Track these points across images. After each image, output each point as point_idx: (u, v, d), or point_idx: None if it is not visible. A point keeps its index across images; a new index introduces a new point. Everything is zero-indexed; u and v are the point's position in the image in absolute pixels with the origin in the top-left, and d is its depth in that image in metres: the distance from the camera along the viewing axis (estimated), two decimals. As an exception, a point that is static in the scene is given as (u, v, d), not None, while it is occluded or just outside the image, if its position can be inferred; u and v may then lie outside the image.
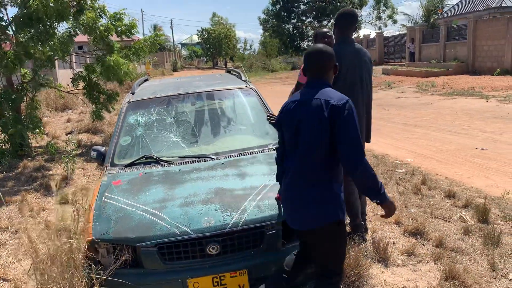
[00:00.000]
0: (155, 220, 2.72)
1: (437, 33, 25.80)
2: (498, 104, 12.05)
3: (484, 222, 4.24)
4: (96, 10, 8.72)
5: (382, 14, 45.38)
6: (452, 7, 33.56)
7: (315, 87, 2.41)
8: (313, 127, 2.31)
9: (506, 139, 7.83)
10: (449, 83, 17.93)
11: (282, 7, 46.91)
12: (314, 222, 2.36)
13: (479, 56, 21.65)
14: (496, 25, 20.52)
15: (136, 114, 4.01)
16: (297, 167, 2.40)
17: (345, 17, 3.64)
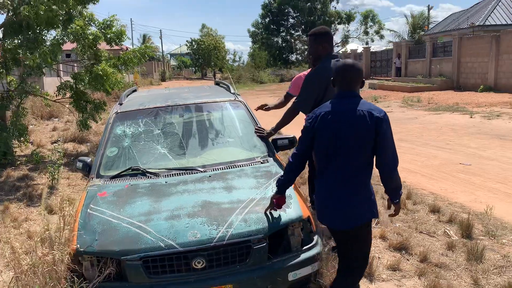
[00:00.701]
0: (141, 233, 2.70)
1: (423, 49, 26.26)
2: (482, 120, 12.26)
3: (468, 238, 4.30)
4: (84, 18, 8.71)
5: (369, 29, 46.10)
6: (437, 24, 34.26)
7: (349, 98, 2.64)
8: (360, 136, 2.55)
9: (489, 154, 7.96)
10: (435, 98, 18.21)
11: (271, 21, 47.37)
12: (360, 219, 2.63)
13: (464, 72, 22.07)
14: (480, 42, 20.97)
15: (123, 125, 3.99)
16: (341, 172, 2.61)
17: (329, 34, 3.86)
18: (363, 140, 2.56)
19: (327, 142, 2.63)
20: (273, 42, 48.43)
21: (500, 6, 26.32)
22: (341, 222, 2.64)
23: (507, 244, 4.16)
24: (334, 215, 2.66)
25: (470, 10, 29.83)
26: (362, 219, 2.64)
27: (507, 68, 19.07)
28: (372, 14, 46.19)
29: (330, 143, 2.62)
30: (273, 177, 3.35)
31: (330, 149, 2.62)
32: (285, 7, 46.11)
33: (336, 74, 2.70)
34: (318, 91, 3.68)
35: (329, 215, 2.69)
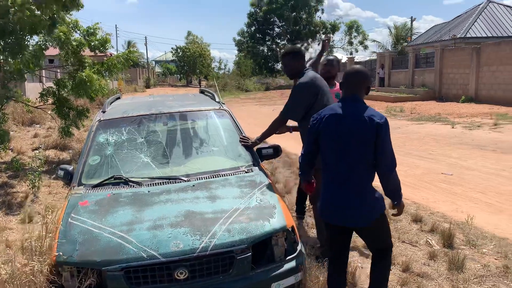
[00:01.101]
0: (122, 243, 2.66)
1: (406, 60, 26.70)
2: (463, 130, 12.48)
3: (449, 247, 4.35)
4: (69, 25, 8.64)
5: (353, 39, 46.71)
6: (420, 36, 34.87)
7: (352, 102, 2.82)
8: (361, 140, 2.72)
9: (470, 164, 8.09)
10: (417, 108, 18.49)
11: (257, 29, 47.66)
12: (370, 217, 2.81)
13: (446, 83, 22.49)
14: (461, 54, 21.42)
15: (106, 133, 3.95)
16: (348, 173, 2.78)
17: (302, 51, 4.43)
18: (364, 143, 2.73)
19: (331, 143, 2.82)
20: (259, 51, 48.69)
21: (481, 19, 26.95)
22: (350, 219, 2.83)
23: (487, 254, 4.22)
24: (343, 214, 2.83)
25: (452, 22, 30.46)
26: (373, 215, 2.82)
27: (487, 80, 19.50)
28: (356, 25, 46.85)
29: (333, 145, 2.80)
30: (258, 186, 3.35)
31: (333, 150, 2.81)
32: (270, 16, 46.45)
33: (343, 79, 2.90)
34: (309, 99, 3.86)
35: (337, 215, 2.86)
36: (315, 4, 46.77)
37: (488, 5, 28.29)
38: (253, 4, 47.42)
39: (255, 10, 47.46)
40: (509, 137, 10.98)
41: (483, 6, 28.16)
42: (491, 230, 4.82)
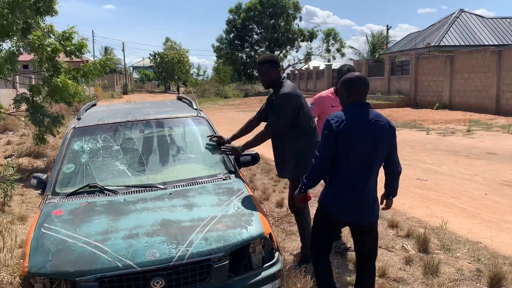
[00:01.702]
0: (97, 253, 2.62)
1: (382, 68, 27.17)
2: (438, 136, 12.76)
3: (424, 252, 4.42)
4: (43, 30, 8.49)
5: (331, 47, 47.25)
6: (395, 44, 35.60)
7: (366, 108, 2.96)
8: (382, 143, 2.90)
9: (445, 170, 8.27)
10: (393, 115, 18.80)
11: (236, 36, 47.80)
12: (376, 216, 3.07)
13: (421, 90, 22.96)
14: (435, 62, 21.93)
15: (81, 141, 3.88)
16: (370, 174, 2.94)
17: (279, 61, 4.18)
18: (383, 147, 2.92)
19: (356, 147, 2.88)
20: (238, 57, 48.81)
21: (454, 28, 27.71)
22: (362, 217, 3.01)
23: (461, 258, 4.30)
24: (356, 212, 2.98)
25: (426, 31, 31.22)
26: (378, 215, 3.08)
27: (460, 87, 20.00)
28: (333, 33, 47.45)
29: (359, 149, 2.88)
30: (235, 194, 3.34)
31: (357, 154, 2.89)
32: (249, 23, 46.67)
33: (351, 86, 2.97)
34: (296, 109, 3.82)
35: (349, 212, 2.98)
36: (293, 12, 47.25)
37: (460, 14, 29.14)
38: (232, 11, 47.59)
39: (234, 17, 47.64)
40: (482, 143, 11.27)
41: (455, 16, 28.99)
42: (465, 235, 4.92)
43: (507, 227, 5.22)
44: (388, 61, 26.58)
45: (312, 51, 48.58)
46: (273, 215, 5.64)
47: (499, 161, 9.00)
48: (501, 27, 27.98)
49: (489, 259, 4.23)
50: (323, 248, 3.18)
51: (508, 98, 17.23)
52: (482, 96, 18.59)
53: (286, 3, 45.95)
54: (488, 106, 17.95)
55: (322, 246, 3.18)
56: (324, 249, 3.19)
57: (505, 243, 4.71)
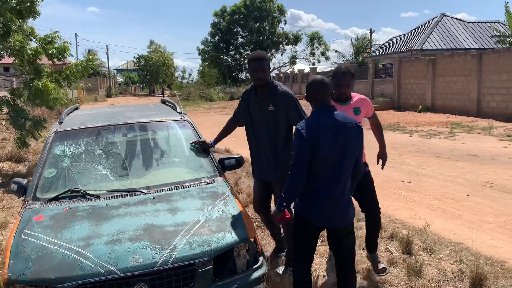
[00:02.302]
0: (79, 259, 2.58)
1: (366, 71, 27.43)
2: (421, 139, 12.92)
3: (408, 253, 4.46)
4: (24, 33, 8.37)
5: (315, 50, 47.57)
6: (379, 47, 36.00)
7: (332, 110, 2.95)
8: (354, 146, 2.92)
9: (427, 172, 8.37)
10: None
11: (221, 39, 47.78)
12: (351, 217, 3.06)
13: (403, 93, 23.25)
14: (418, 65, 22.23)
15: (63, 145, 3.82)
16: (346, 179, 2.95)
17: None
18: (354, 148, 2.93)
19: (326, 153, 2.86)
20: (223, 60, 48.79)
21: (436, 32, 28.13)
22: (339, 220, 3.00)
23: (444, 259, 4.36)
24: (332, 216, 2.96)
25: (409, 34, 31.64)
26: (352, 217, 3.08)
27: (443, 90, 20.31)
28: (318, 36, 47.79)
29: (333, 154, 2.87)
30: (220, 197, 3.32)
31: (332, 159, 2.88)
32: (234, 26, 46.72)
33: (310, 90, 2.97)
34: None
35: (327, 216, 2.96)
36: (278, 15, 47.46)
37: (442, 18, 29.62)
38: (217, 14, 47.57)
39: (219, 20, 47.63)
40: (463, 145, 11.45)
41: (437, 20, 29.45)
42: (447, 236, 4.98)
43: (488, 227, 5.31)
44: (372, 65, 26.86)
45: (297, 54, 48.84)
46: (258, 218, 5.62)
47: (480, 162, 9.15)
48: (482, 31, 28.52)
49: (471, 259, 4.29)
50: (303, 254, 3.12)
51: (488, 101, 17.55)
52: (463, 99, 18.90)
53: (271, 6, 46.14)
54: (469, 108, 18.26)
55: (301, 252, 3.13)
56: (304, 255, 3.12)
57: (486, 243, 4.78)
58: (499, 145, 11.28)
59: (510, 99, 16.41)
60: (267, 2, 45.81)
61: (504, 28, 24.75)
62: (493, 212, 5.86)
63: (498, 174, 8.01)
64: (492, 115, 16.53)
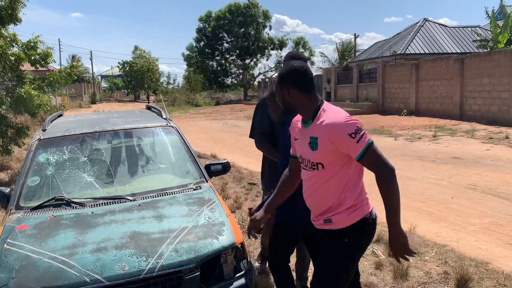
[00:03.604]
0: (64, 268, 2.54)
1: (351, 75, 27.68)
2: (405, 142, 13.06)
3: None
4: (6, 38, 8.26)
5: (301, 55, 47.81)
6: (363, 52, 36.37)
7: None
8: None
9: (413, 175, 8.46)
10: (362, 121, 18.97)
11: (206, 44, 47.76)
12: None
13: (388, 97, 23.51)
14: (401, 70, 22.52)
15: (46, 153, 3.78)
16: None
17: None
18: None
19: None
20: (208, 66, 48.77)
21: (418, 37, 28.55)
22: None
23: (429, 261, 4.40)
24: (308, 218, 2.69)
25: (392, 39, 32.04)
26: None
27: (426, 94, 20.59)
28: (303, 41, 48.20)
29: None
30: (206, 203, 3.31)
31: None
32: (219, 31, 46.77)
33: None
34: None
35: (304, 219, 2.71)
36: (263, 21, 47.67)
37: (424, 23, 30.08)
38: (202, 20, 47.58)
39: (204, 26, 47.64)
40: (447, 148, 11.61)
41: (420, 25, 29.89)
42: (433, 238, 5.04)
43: (472, 229, 5.38)
44: (356, 69, 27.12)
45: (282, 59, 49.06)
46: (245, 224, 5.62)
47: (464, 165, 9.28)
48: (463, 36, 29.04)
49: (456, 261, 4.34)
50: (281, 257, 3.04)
51: (471, 104, 17.85)
52: (446, 102, 19.18)
53: (256, 12, 46.34)
54: (452, 112, 18.54)
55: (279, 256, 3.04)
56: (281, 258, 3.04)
57: (471, 245, 4.85)
58: (481, 147, 11.47)
59: (491, 102, 16.72)
60: (252, 7, 46.02)
61: (485, 32, 25.27)
62: (477, 214, 5.94)
63: (481, 176, 8.14)
64: (475, 118, 16.81)
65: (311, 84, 2.46)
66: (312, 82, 2.47)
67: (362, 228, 2.51)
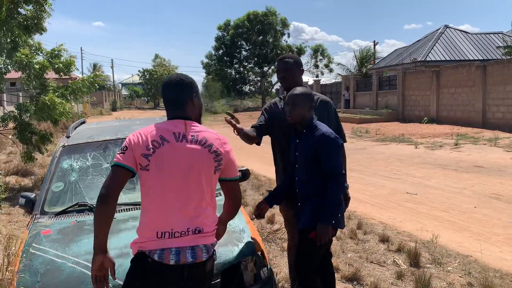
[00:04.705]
0: (87, 273, 2.57)
1: (370, 83, 27.50)
2: (426, 150, 12.88)
3: (416, 266, 4.42)
4: (31, 47, 8.47)
5: (319, 63, 47.73)
6: (383, 59, 36.11)
7: None
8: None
9: (434, 184, 8.33)
10: (382, 129, 18.98)
11: (225, 53, 48.05)
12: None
13: (408, 105, 23.25)
14: (422, 77, 22.27)
15: (70, 159, 3.85)
16: None
17: None
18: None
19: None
20: (227, 73, 49.03)
21: (439, 44, 28.22)
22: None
23: (452, 272, 4.32)
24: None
25: (412, 46, 31.75)
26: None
27: (447, 101, 20.30)
28: (321, 49, 48.01)
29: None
30: (226, 210, 3.31)
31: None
32: (237, 40, 47.01)
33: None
34: None
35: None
36: (281, 29, 47.74)
37: (445, 30, 29.73)
38: (220, 28, 47.96)
39: (223, 34, 47.98)
40: (469, 156, 11.41)
41: (440, 31, 29.57)
42: (455, 248, 4.94)
43: (496, 239, 5.26)
44: (376, 76, 26.94)
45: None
46: (265, 231, 5.61)
47: (487, 174, 9.10)
48: (485, 42, 28.58)
49: (480, 272, 4.25)
50: (315, 270, 3.06)
51: (494, 112, 17.52)
52: (468, 110, 18.87)
53: (274, 20, 46.46)
54: (474, 120, 18.22)
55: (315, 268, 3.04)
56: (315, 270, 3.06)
57: (495, 256, 4.74)
58: (505, 156, 11.24)
59: (515, 110, 16.38)
60: (270, 15, 46.16)
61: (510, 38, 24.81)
62: (501, 224, 5.81)
63: (505, 186, 7.96)
64: (498, 126, 16.48)
65: None
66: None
67: None
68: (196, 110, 2.30)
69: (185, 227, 2.08)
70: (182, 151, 2.10)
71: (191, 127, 2.18)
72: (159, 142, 2.11)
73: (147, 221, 2.17)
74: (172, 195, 2.10)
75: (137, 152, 2.11)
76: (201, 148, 2.12)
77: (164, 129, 2.16)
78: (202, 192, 2.14)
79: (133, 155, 2.12)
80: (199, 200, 2.13)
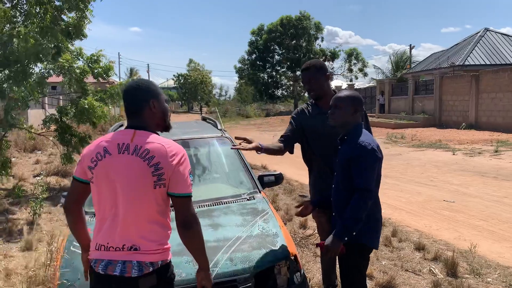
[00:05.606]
0: (124, 272, 2.64)
1: (406, 87, 26.97)
2: (464, 157, 12.50)
3: (453, 276, 4.29)
4: (72, 52, 8.79)
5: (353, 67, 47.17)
6: (419, 63, 35.32)
7: None
8: None
9: (472, 192, 8.07)
10: (418, 135, 18.55)
11: (258, 57, 48.24)
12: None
13: (445, 110, 22.65)
14: (460, 81, 21.65)
15: (109, 161, 3.96)
16: None
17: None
18: None
19: (380, 171, 2.82)
20: (259, 78, 49.19)
21: (479, 47, 27.36)
22: None
23: (492, 283, 4.17)
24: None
25: (450, 50, 30.90)
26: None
27: (487, 107, 19.65)
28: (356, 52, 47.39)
29: (380, 173, 2.82)
30: (260, 214, 3.34)
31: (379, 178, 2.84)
32: (271, 44, 47.11)
33: (361, 104, 2.95)
34: None
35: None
36: (315, 33, 47.51)
37: (485, 33, 28.79)
38: (254, 33, 48.22)
39: (256, 39, 48.20)
40: (510, 164, 10.98)
41: (480, 35, 28.66)
42: (495, 259, 4.77)
43: (539, 251, 5.05)
44: (412, 81, 26.40)
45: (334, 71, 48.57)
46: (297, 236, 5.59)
47: (529, 182, 8.73)
48: (528, 46, 27.50)
49: (521, 284, 4.09)
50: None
51: (537, 117, 16.83)
52: (509, 115, 18.20)
53: (308, 24, 46.29)
54: (516, 126, 17.55)
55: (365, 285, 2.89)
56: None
57: (538, 268, 4.54)
58: (549, 164, 10.76)
59: (560, 116, 15.67)
60: (304, 20, 46.04)
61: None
62: (545, 235, 5.57)
63: (549, 195, 7.62)
64: (541, 133, 15.82)
65: None
66: None
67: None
68: (156, 116, 2.15)
69: (121, 243, 2.00)
70: (121, 164, 2.00)
71: (138, 137, 2.04)
72: (101, 154, 2.03)
73: (93, 232, 2.14)
74: (108, 209, 2.04)
75: (85, 164, 2.08)
76: (140, 161, 1.98)
77: (110, 141, 2.07)
78: (142, 208, 2.01)
79: (82, 166, 2.10)
80: (139, 216, 2.01)
